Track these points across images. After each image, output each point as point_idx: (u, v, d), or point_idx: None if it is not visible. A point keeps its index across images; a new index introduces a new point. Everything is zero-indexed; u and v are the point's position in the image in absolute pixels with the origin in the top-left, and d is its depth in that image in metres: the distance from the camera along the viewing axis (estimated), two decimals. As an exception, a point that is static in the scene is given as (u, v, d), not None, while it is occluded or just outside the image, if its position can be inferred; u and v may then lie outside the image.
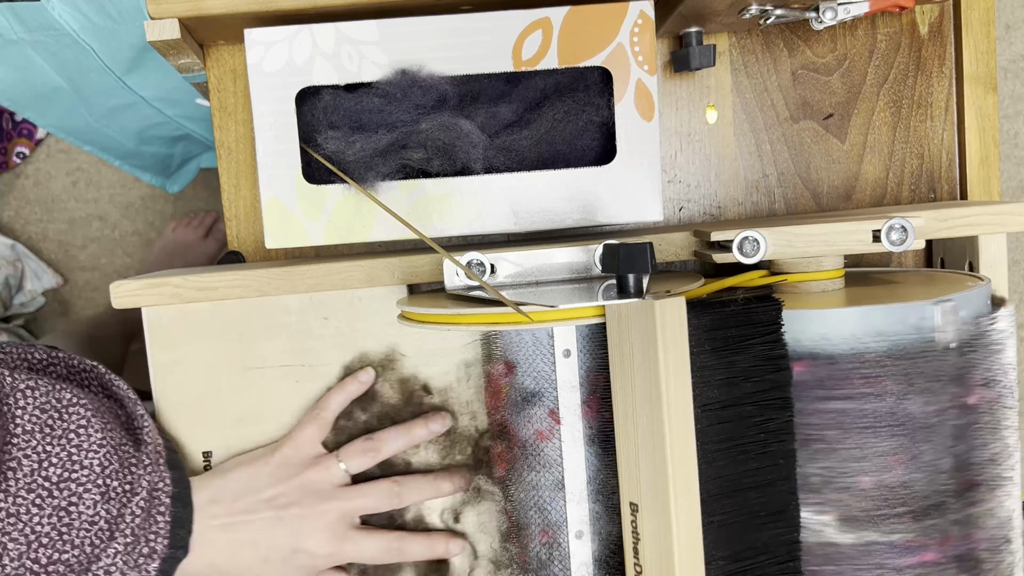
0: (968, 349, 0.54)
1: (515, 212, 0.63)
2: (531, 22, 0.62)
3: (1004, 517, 0.57)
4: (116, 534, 0.54)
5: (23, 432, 0.52)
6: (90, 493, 0.53)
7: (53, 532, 0.52)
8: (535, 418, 0.59)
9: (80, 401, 0.55)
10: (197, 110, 1.05)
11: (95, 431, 0.54)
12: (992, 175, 0.76)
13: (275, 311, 0.63)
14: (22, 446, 0.52)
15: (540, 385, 0.59)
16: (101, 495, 0.53)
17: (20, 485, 0.52)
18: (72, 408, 0.54)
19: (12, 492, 0.51)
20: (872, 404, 0.53)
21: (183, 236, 1.48)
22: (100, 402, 0.57)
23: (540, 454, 0.60)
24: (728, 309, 0.52)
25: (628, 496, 0.53)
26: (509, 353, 0.60)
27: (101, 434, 0.54)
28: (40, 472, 0.52)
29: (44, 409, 0.53)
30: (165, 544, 0.55)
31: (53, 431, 0.53)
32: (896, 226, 0.56)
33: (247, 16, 0.63)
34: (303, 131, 0.63)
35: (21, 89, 1.00)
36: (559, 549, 0.60)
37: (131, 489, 0.55)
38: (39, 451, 0.53)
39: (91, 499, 0.53)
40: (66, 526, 0.53)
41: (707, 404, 0.51)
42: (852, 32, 0.75)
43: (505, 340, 0.60)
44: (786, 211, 0.77)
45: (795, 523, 0.54)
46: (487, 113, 0.63)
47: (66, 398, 0.54)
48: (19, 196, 1.54)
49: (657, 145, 0.63)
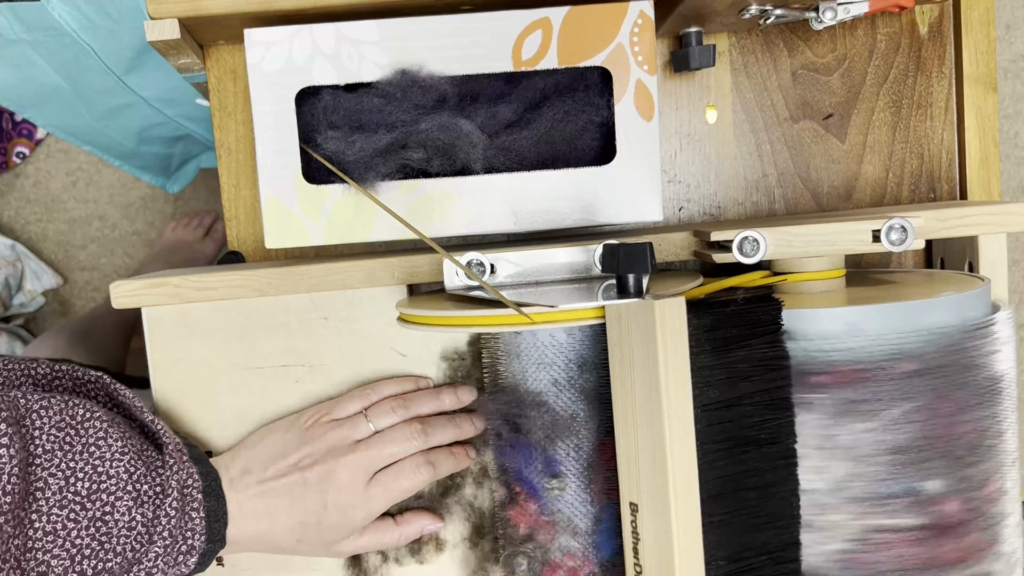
0: (968, 349, 0.54)
1: (515, 212, 0.63)
2: (531, 22, 0.62)
3: (1004, 517, 0.57)
4: (155, 536, 0.55)
5: (43, 452, 0.53)
6: (122, 501, 0.54)
7: (94, 543, 0.53)
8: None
9: (95, 414, 0.55)
10: (197, 110, 1.05)
11: (114, 440, 0.55)
12: (992, 175, 0.76)
13: (275, 311, 0.63)
14: (46, 466, 0.53)
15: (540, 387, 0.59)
16: (134, 500, 0.54)
17: (52, 504, 0.52)
18: (87, 422, 0.55)
19: (45, 511, 0.52)
20: (871, 404, 0.53)
21: (182, 236, 1.48)
22: (111, 411, 0.58)
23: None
24: (728, 309, 0.52)
25: (628, 496, 0.53)
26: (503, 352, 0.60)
27: (121, 442, 0.55)
28: (69, 488, 0.53)
29: (60, 427, 0.54)
30: (203, 540, 0.56)
31: (73, 447, 0.54)
32: (896, 226, 0.56)
33: (247, 16, 0.63)
34: (303, 131, 0.63)
35: (21, 89, 1.00)
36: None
37: (162, 491, 0.55)
38: (63, 468, 0.53)
39: (124, 506, 0.54)
40: (105, 535, 0.53)
41: (707, 404, 0.51)
42: (852, 32, 0.75)
43: (502, 339, 0.60)
44: (786, 211, 0.77)
45: (795, 523, 0.54)
46: (487, 113, 0.63)
47: (80, 414, 0.55)
48: (19, 196, 1.54)
49: (657, 145, 0.63)
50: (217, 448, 0.63)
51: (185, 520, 0.55)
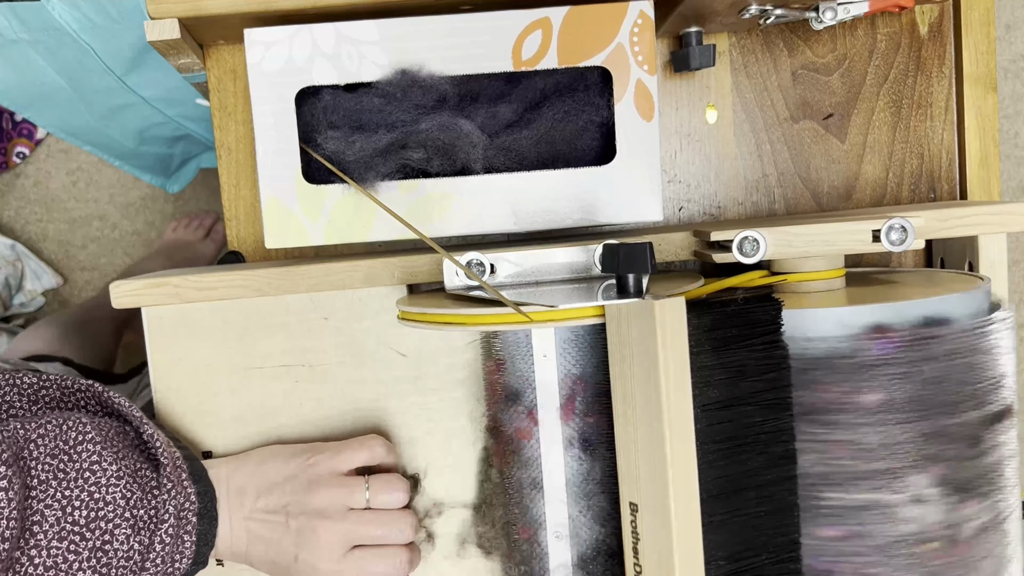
0: (968, 349, 0.54)
1: (515, 212, 0.63)
2: (531, 22, 0.62)
3: (1003, 517, 0.57)
4: (147, 563, 0.54)
5: (39, 483, 0.51)
6: (120, 528, 0.53)
7: (95, 574, 0.52)
8: (517, 417, 0.59)
9: (87, 436, 0.54)
10: (197, 110, 1.05)
11: (108, 464, 0.53)
12: (992, 175, 0.76)
13: (275, 311, 0.63)
14: (41, 497, 0.51)
15: (521, 385, 0.59)
16: (131, 528, 0.53)
17: (50, 536, 0.51)
18: (80, 447, 0.53)
19: (44, 546, 0.50)
20: (871, 404, 0.53)
21: (183, 237, 1.48)
22: (104, 425, 0.56)
23: (521, 452, 0.60)
24: (728, 309, 0.52)
25: (628, 496, 0.53)
26: (500, 351, 0.60)
27: (116, 466, 0.54)
28: (66, 519, 0.51)
29: (54, 455, 0.52)
30: (188, 562, 0.55)
31: (67, 474, 0.52)
32: (896, 226, 0.56)
33: (247, 16, 0.63)
34: (303, 131, 0.63)
35: (21, 89, 1.00)
36: (538, 548, 0.60)
37: (157, 515, 0.54)
38: (58, 499, 0.51)
39: (123, 534, 0.53)
40: (105, 566, 0.52)
41: (707, 404, 0.51)
42: (852, 32, 0.75)
43: (497, 339, 0.60)
44: (786, 211, 0.77)
45: (795, 523, 0.54)
46: (487, 113, 0.63)
47: (72, 437, 0.53)
48: (19, 196, 1.54)
49: (657, 145, 0.63)
50: (216, 449, 0.63)
51: (177, 544, 0.55)
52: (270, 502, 0.58)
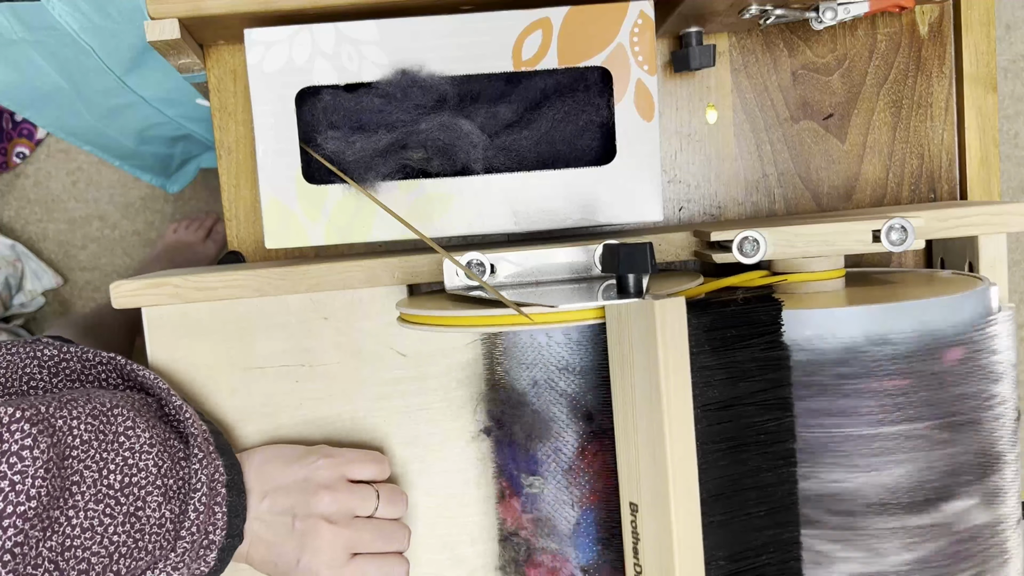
0: (968, 349, 0.54)
1: (515, 212, 0.63)
2: (531, 22, 0.62)
3: (1003, 517, 0.57)
4: (182, 531, 0.53)
5: (81, 443, 0.50)
6: (152, 496, 0.52)
7: (129, 540, 0.51)
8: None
9: (120, 402, 0.53)
10: (197, 110, 1.05)
11: (142, 431, 0.53)
12: (992, 175, 0.76)
13: (275, 311, 0.63)
14: (82, 457, 0.50)
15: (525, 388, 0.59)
16: (163, 496, 0.52)
17: (87, 498, 0.50)
18: (116, 410, 0.53)
19: (82, 506, 0.49)
20: (871, 404, 0.53)
21: (184, 238, 1.48)
22: (129, 397, 0.55)
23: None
24: (728, 309, 0.52)
25: (628, 496, 0.53)
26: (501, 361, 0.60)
27: (148, 433, 0.53)
28: (103, 481, 0.50)
29: (94, 415, 0.51)
30: (223, 535, 0.55)
31: (106, 436, 0.51)
32: (896, 226, 0.56)
33: (247, 16, 0.63)
34: (303, 131, 0.63)
35: (21, 89, 1.00)
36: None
37: (188, 485, 0.54)
38: (97, 460, 0.51)
39: (155, 501, 0.52)
40: (139, 532, 0.51)
41: (707, 404, 0.51)
42: (852, 32, 0.75)
43: (498, 339, 0.60)
44: (786, 211, 0.77)
45: (795, 523, 0.54)
46: (487, 113, 0.63)
47: (108, 400, 0.53)
48: (19, 196, 1.54)
49: (657, 145, 0.63)
50: (217, 448, 0.63)
51: (209, 515, 0.54)
52: (276, 504, 0.58)
